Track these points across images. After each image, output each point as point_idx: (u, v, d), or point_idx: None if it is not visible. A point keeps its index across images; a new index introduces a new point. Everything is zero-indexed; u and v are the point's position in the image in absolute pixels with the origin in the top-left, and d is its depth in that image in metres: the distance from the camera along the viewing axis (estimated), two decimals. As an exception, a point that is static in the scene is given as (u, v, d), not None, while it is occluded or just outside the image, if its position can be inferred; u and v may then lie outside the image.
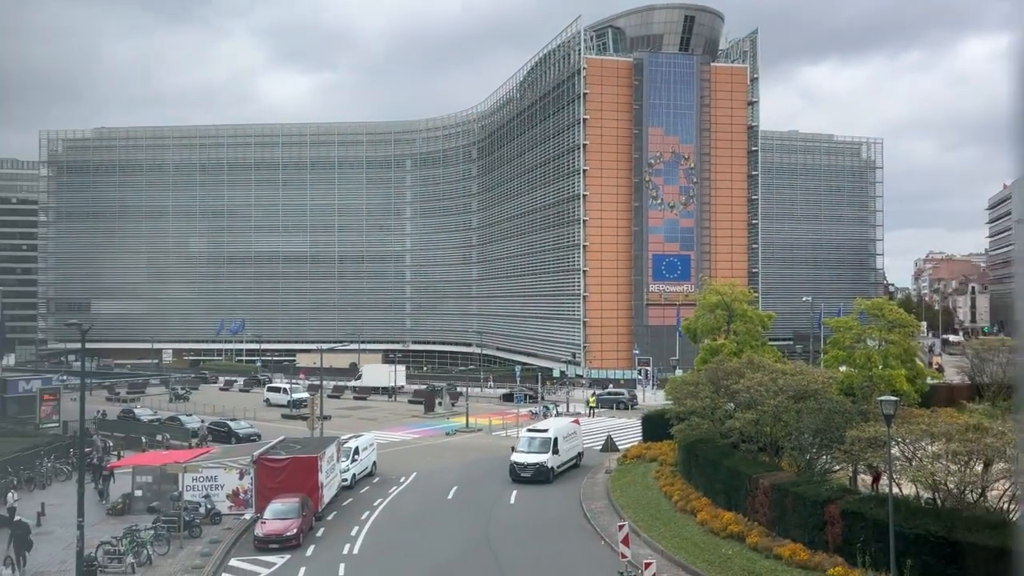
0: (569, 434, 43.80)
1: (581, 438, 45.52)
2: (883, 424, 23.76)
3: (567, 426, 44.90)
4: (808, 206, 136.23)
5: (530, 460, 40.20)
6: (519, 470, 40.02)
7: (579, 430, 45.79)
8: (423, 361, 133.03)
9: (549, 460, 40.25)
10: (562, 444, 42.08)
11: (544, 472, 39.73)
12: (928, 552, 21.31)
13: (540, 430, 42.93)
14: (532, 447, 41.11)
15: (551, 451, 40.61)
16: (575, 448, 44.10)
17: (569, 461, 43.03)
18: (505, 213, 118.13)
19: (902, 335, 47.48)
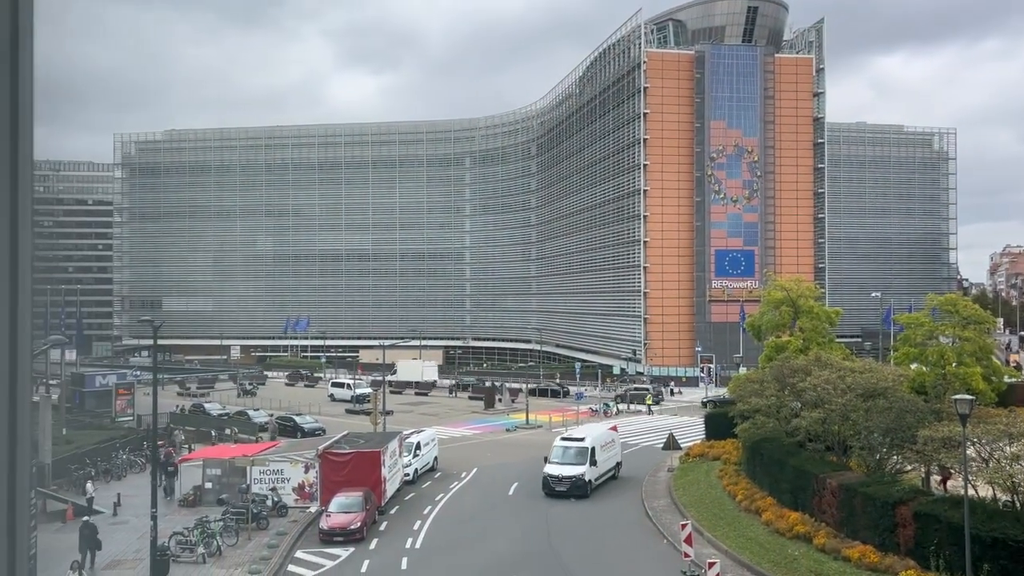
0: (607, 443, 40.09)
1: (619, 447, 41.82)
2: (958, 424, 22.96)
3: (605, 433, 40.88)
4: (877, 199, 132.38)
5: (565, 472, 36.53)
6: (553, 483, 36.35)
7: (617, 438, 41.97)
8: (483, 358, 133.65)
9: (587, 472, 36.65)
10: (600, 454, 38.30)
11: (581, 486, 36.15)
12: (1006, 557, 20.52)
13: (576, 439, 38.93)
14: (567, 458, 37.32)
15: (588, 462, 36.91)
16: (613, 458, 40.55)
17: (607, 472, 39.64)
18: (564, 209, 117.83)
19: (977, 332, 45.78)
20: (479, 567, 27.37)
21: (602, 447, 38.92)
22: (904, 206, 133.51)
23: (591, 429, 41.88)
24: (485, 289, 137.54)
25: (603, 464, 38.73)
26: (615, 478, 40.09)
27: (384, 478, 35.52)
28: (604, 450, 39.14)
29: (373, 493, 33.66)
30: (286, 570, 27.47)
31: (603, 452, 38.85)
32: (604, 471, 38.96)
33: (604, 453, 39.02)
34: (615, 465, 40.58)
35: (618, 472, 40.68)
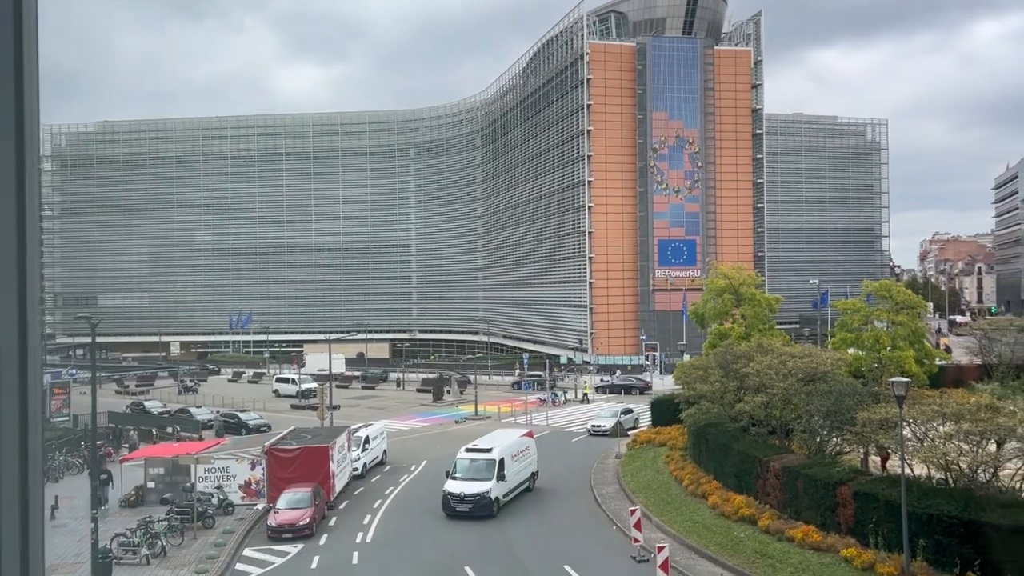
0: (519, 452, 35.45)
1: (535, 454, 37.24)
2: (894, 405, 23.78)
3: (517, 442, 36.10)
4: (813, 189, 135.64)
5: (468, 490, 31.73)
6: (454, 503, 31.68)
7: (533, 445, 37.34)
8: (430, 350, 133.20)
9: (493, 489, 32.05)
10: (510, 466, 33.91)
11: (486, 505, 31.65)
12: (941, 532, 21.36)
13: (482, 449, 34.17)
14: (471, 472, 32.69)
15: (495, 477, 32.43)
16: (527, 468, 36.01)
17: (520, 486, 35.08)
18: (510, 201, 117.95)
19: (910, 316, 47.46)
20: (431, 559, 27.36)
21: (513, 458, 34.37)
22: (839, 195, 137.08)
23: (502, 437, 36.83)
24: (431, 281, 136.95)
25: (514, 477, 34.22)
26: (530, 490, 35.87)
27: (333, 473, 35.24)
28: (516, 461, 34.67)
29: (322, 488, 33.38)
30: (234, 569, 27.06)
31: (514, 463, 34.38)
32: (515, 485, 34.43)
33: (516, 464, 34.54)
34: (530, 476, 36.21)
35: (533, 483, 36.41)
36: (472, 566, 26.13)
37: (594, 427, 50.86)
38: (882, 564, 22.03)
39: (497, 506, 32.35)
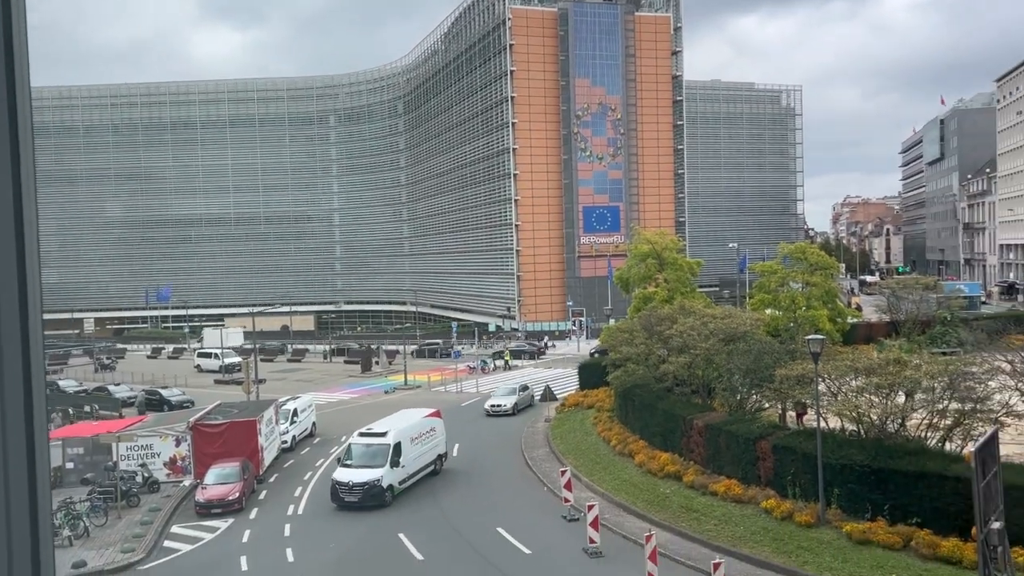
0: (422, 434, 32.91)
1: (442, 435, 34.55)
2: (810, 362, 24.86)
3: (419, 423, 33.35)
4: (732, 155, 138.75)
5: (357, 478, 29.21)
6: (342, 493, 29.21)
7: (440, 425, 34.57)
8: (357, 321, 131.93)
9: (385, 476, 29.49)
10: (409, 451, 31.32)
11: (377, 494, 29.09)
12: (854, 480, 22.57)
13: (376, 434, 31.40)
14: (363, 458, 30.09)
15: (388, 463, 29.79)
16: (431, 451, 33.32)
17: (422, 470, 32.47)
18: (434, 169, 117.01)
19: (823, 277, 49.45)
20: (364, 529, 27.44)
21: (413, 440, 31.95)
22: (756, 161, 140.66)
23: (401, 419, 34.03)
24: (356, 251, 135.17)
25: (414, 462, 31.64)
26: (437, 472, 33.42)
27: (261, 447, 34.83)
28: (417, 444, 32.20)
29: (251, 462, 32.99)
30: (162, 546, 26.61)
31: (415, 447, 31.87)
32: (415, 470, 31.84)
33: (416, 448, 32.05)
34: (436, 459, 33.68)
35: (441, 465, 34.01)
36: (406, 533, 26.34)
37: (493, 407, 46.22)
38: (800, 513, 23.16)
39: (391, 494, 29.66)
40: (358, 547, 25.69)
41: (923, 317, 56.82)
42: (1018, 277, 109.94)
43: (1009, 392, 23.96)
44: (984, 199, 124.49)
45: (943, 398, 23.68)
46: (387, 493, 29.62)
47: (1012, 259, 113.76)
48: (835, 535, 21.96)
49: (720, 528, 23.93)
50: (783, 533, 22.70)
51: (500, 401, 46.90)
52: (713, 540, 23.28)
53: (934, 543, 20.14)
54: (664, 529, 24.32)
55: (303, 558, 24.76)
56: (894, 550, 20.62)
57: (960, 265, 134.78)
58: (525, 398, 47.82)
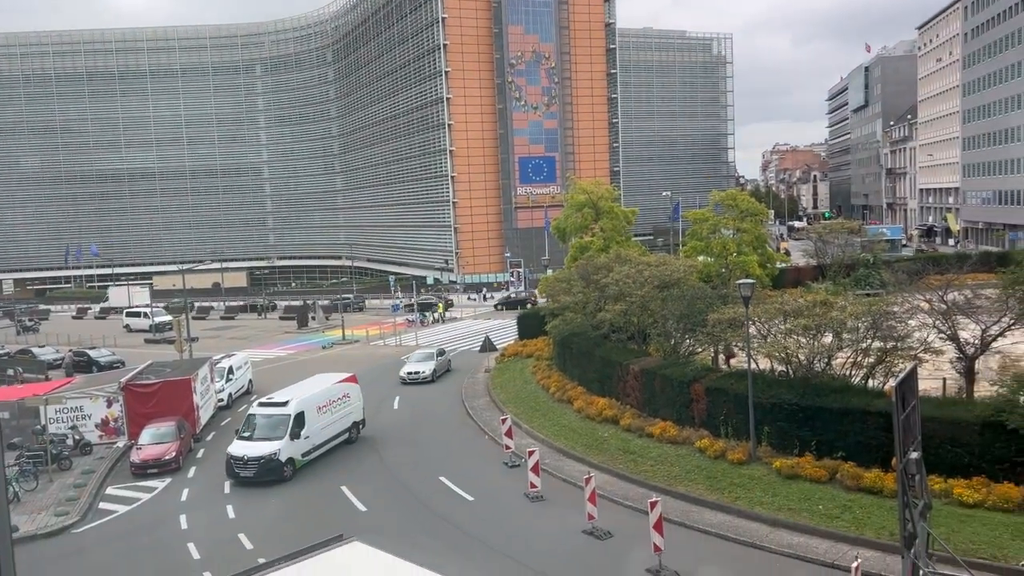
0: (333, 400, 30.67)
1: (358, 401, 32.59)
2: (741, 306, 25.54)
3: (329, 390, 30.94)
4: (665, 104, 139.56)
5: (252, 452, 27.28)
6: (236, 467, 27.30)
7: (355, 391, 32.52)
8: (291, 277, 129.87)
9: (283, 449, 27.51)
10: (315, 420, 29.24)
11: (273, 469, 27.14)
12: (783, 418, 23.45)
13: (276, 403, 29.14)
14: (263, 430, 28.16)
15: (288, 434, 27.83)
16: (346, 418, 31.35)
17: (332, 441, 30.40)
18: (366, 119, 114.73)
19: (753, 223, 50.50)
20: (306, 483, 27.41)
21: (321, 409, 29.82)
22: (688, 109, 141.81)
23: (309, 386, 31.51)
24: (288, 205, 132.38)
25: (321, 432, 29.58)
26: (351, 442, 31.47)
27: (197, 405, 34.33)
28: (326, 412, 30.09)
29: (187, 421, 32.52)
30: (97, 508, 26.16)
31: (322, 416, 29.80)
32: (323, 441, 29.78)
33: (325, 416, 29.98)
34: (351, 426, 31.70)
35: (357, 433, 32.08)
36: (349, 486, 26.42)
37: (410, 375, 42.64)
38: (732, 451, 24.02)
39: (291, 468, 27.71)
40: (299, 501, 25.69)
41: (848, 260, 58.74)
42: (936, 220, 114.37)
43: (927, 330, 25.06)
44: (905, 145, 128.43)
45: (866, 337, 24.65)
46: (286, 467, 27.48)
47: (931, 203, 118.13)
48: (765, 471, 22.88)
49: (656, 468, 24.67)
50: (716, 471, 23.54)
51: (417, 368, 42.90)
52: (650, 480, 24.01)
53: (858, 475, 21.16)
54: (603, 471, 24.95)
55: (244, 514, 24.68)
56: (820, 483, 21.61)
57: (883, 209, 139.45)
58: (443, 363, 44.39)
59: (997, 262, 53.68)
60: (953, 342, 24.62)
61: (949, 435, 20.06)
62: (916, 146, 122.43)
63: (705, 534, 20.51)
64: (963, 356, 24.47)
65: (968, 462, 19.97)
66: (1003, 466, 19.57)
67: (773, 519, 20.56)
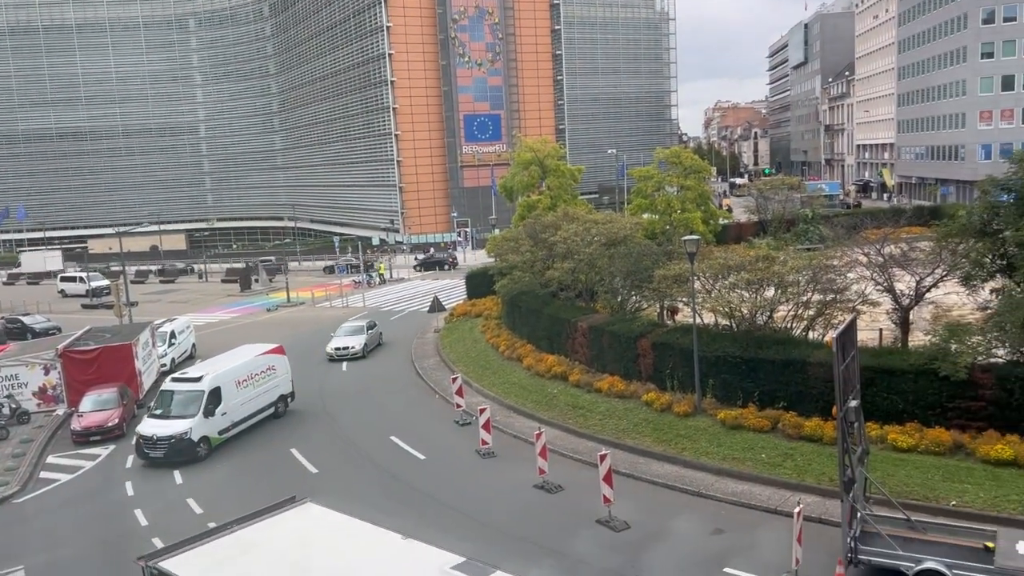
0: (254, 374, 28.83)
1: (286, 374, 30.62)
2: (686, 262, 25.92)
3: (250, 363, 29.08)
4: (609, 61, 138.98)
5: (162, 431, 25.63)
6: (146, 447, 25.64)
7: (282, 362, 30.55)
8: (232, 239, 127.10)
9: (195, 428, 25.85)
10: (233, 396, 27.54)
11: (184, 449, 25.46)
12: (727, 371, 24.03)
13: (190, 378, 27.45)
14: (176, 407, 26.41)
15: (201, 412, 26.16)
16: (271, 392, 29.57)
17: (255, 416, 28.64)
18: (306, 76, 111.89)
19: (697, 181, 51.06)
20: (255, 447, 27.21)
21: (241, 383, 28.08)
22: (632, 66, 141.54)
23: (227, 359, 29.90)
24: (227, 166, 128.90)
25: (240, 408, 27.87)
26: (278, 416, 29.76)
27: (139, 371, 33.63)
28: (246, 387, 28.29)
29: (129, 387, 31.84)
30: (38, 477, 25.59)
31: (242, 391, 28.04)
32: (244, 416, 28.06)
33: (245, 391, 28.20)
34: (277, 399, 29.92)
35: (285, 407, 30.30)
36: (299, 448, 26.32)
37: (338, 350, 38.87)
38: (678, 404, 24.58)
39: (206, 447, 26.08)
40: (248, 465, 25.51)
41: (788, 216, 60.05)
42: (872, 176, 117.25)
43: (865, 282, 25.82)
44: (843, 101, 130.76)
45: (807, 291, 25.29)
46: (199, 447, 25.87)
47: (867, 159, 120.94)
48: (710, 422, 23.49)
49: (605, 422, 25.12)
50: (663, 423, 24.08)
51: (346, 343, 39.27)
52: (599, 434, 24.45)
53: (798, 424, 21.88)
54: (553, 427, 25.30)
55: (192, 479, 24.43)
56: (763, 432, 22.30)
57: (821, 165, 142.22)
58: (373, 337, 40.84)
59: (930, 216, 55.57)
60: (889, 294, 25.42)
61: (885, 383, 20.84)
62: (853, 102, 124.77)
63: (653, 485, 21.04)
64: (899, 307, 25.31)
65: (903, 409, 20.80)
66: (935, 412, 20.45)
67: (718, 468, 21.18)
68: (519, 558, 15.57)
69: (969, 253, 22.22)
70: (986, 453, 19.09)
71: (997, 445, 19.09)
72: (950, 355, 20.03)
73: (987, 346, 20.30)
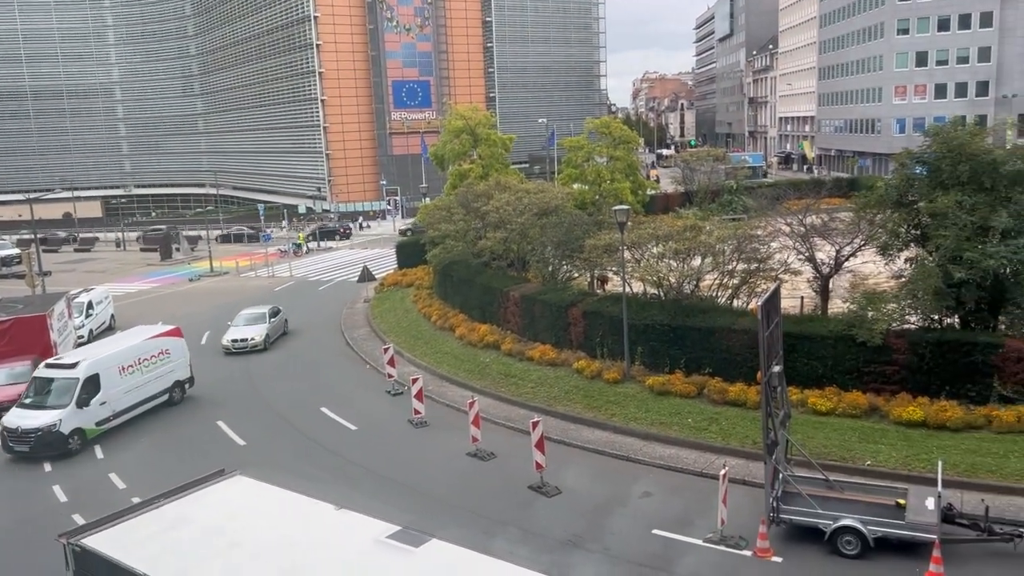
0: (142, 359, 26.50)
1: (182, 358, 28.33)
2: (616, 232, 26.23)
3: (137, 347, 26.69)
4: (539, 29, 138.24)
5: (28, 423, 23.51)
6: (10, 440, 23.53)
7: (178, 345, 28.21)
8: (150, 206, 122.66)
9: (68, 418, 23.73)
10: (115, 383, 25.36)
11: (53, 442, 23.33)
12: (655, 338, 24.54)
13: (65, 365, 25.20)
14: (50, 397, 24.35)
15: (74, 401, 24.04)
16: (164, 377, 27.31)
17: (144, 404, 26.39)
18: (228, 37, 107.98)
19: (626, 151, 51.60)
20: (179, 421, 26.55)
21: (126, 370, 25.82)
22: (562, 35, 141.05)
23: (112, 343, 27.95)
24: (144, 130, 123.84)
25: (124, 397, 25.64)
26: (173, 403, 27.53)
27: (55, 343, 32.31)
28: (132, 373, 26.01)
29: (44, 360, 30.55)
30: (-52, 456, 24.43)
31: (128, 377, 25.81)
32: (129, 405, 25.86)
33: (131, 378, 25.94)
34: (172, 385, 27.66)
35: (181, 393, 28.10)
36: (226, 421, 25.82)
37: (235, 342, 34.21)
38: (608, 371, 25.00)
39: (79, 440, 23.90)
40: (174, 439, 24.89)
41: (713, 187, 61.30)
42: (793, 148, 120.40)
43: (787, 252, 26.62)
44: (767, 74, 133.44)
45: (732, 260, 25.95)
46: (71, 439, 23.65)
47: (789, 131, 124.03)
48: (639, 389, 24.00)
49: (536, 390, 25.38)
50: (593, 390, 24.48)
51: (244, 333, 34.60)
52: (531, 401, 24.71)
53: (723, 389, 22.54)
54: (485, 395, 25.43)
55: (114, 454, 23.73)
56: (690, 398, 22.91)
57: (745, 137, 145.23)
58: (278, 324, 36.49)
59: (848, 187, 57.50)
60: (810, 263, 26.29)
61: (806, 349, 21.63)
62: (776, 76, 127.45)
63: (584, 450, 21.42)
64: (819, 276, 26.20)
65: (822, 373, 21.63)
66: (852, 376, 21.34)
67: (646, 433, 21.68)
68: (453, 526, 15.67)
69: (886, 224, 23.06)
70: (899, 415, 20.05)
71: (909, 407, 20.07)
72: (867, 322, 20.87)
73: (901, 313, 21.24)
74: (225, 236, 76.76)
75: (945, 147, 21.69)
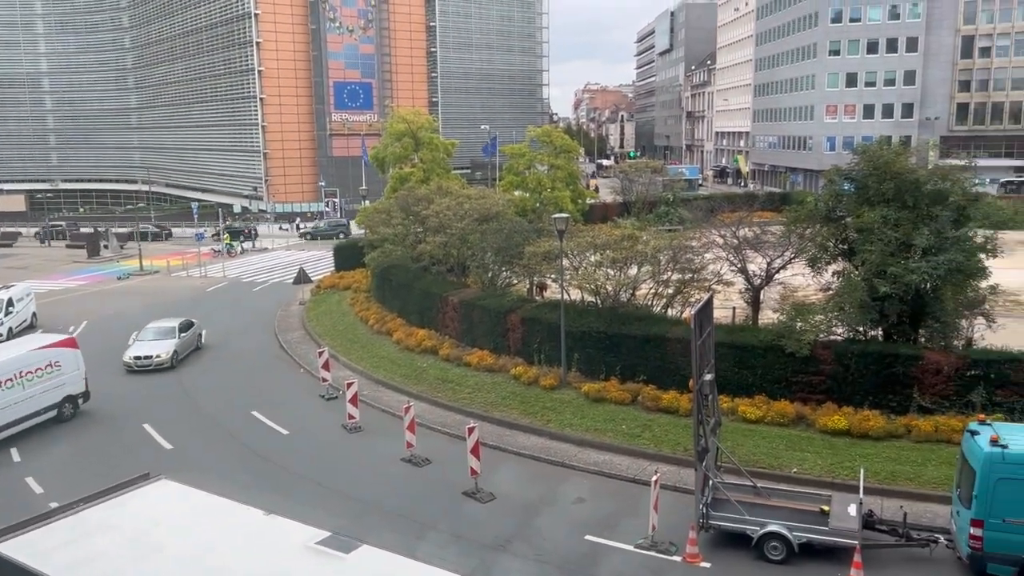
0: (25, 371, 24.33)
1: (76, 371, 26.04)
2: (556, 240, 26.42)
3: (21, 358, 24.55)
4: (482, 35, 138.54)
5: None
6: None
7: (71, 357, 25.99)
8: (79, 202, 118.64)
9: None
10: None
11: None
12: (591, 345, 24.77)
13: None
14: None
15: None
16: (52, 391, 25.10)
17: (24, 421, 24.19)
18: (164, 32, 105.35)
19: (567, 160, 52.13)
20: (102, 424, 25.68)
21: (3, 384, 23.58)
22: (505, 43, 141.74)
23: None
24: (73, 124, 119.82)
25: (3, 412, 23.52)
26: (61, 420, 25.35)
27: (-29, 342, 30.90)
28: (11, 388, 23.84)
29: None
30: None
31: (5, 393, 23.65)
32: (6, 423, 23.64)
33: (9, 393, 23.76)
34: (62, 400, 25.41)
35: (73, 409, 25.87)
36: (152, 424, 25.06)
37: (138, 360, 30.87)
38: (544, 377, 25.13)
39: None
40: (96, 442, 24.05)
41: (651, 198, 62.32)
42: (729, 162, 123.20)
43: (721, 263, 27.20)
44: (704, 90, 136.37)
45: (667, 270, 26.40)
46: None
47: (725, 145, 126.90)
48: (575, 395, 24.18)
49: (473, 395, 25.35)
50: (530, 396, 24.56)
51: (148, 350, 31.29)
52: (467, 407, 24.65)
53: (657, 396, 22.88)
54: (422, 400, 25.28)
55: (32, 457, 22.80)
56: (624, 405, 23.17)
57: (683, 150, 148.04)
58: (189, 340, 33.22)
59: (780, 202, 59.07)
60: (743, 274, 26.91)
61: (737, 358, 22.10)
62: (714, 91, 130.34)
63: (519, 456, 21.46)
64: (751, 287, 26.84)
65: (752, 382, 22.14)
66: (781, 385, 21.89)
67: (581, 439, 21.85)
68: (386, 532, 15.51)
69: (815, 238, 23.76)
70: (824, 424, 20.64)
71: (834, 416, 20.68)
72: (795, 332, 21.44)
73: (828, 324, 21.88)
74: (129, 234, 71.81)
75: (872, 165, 22.46)
